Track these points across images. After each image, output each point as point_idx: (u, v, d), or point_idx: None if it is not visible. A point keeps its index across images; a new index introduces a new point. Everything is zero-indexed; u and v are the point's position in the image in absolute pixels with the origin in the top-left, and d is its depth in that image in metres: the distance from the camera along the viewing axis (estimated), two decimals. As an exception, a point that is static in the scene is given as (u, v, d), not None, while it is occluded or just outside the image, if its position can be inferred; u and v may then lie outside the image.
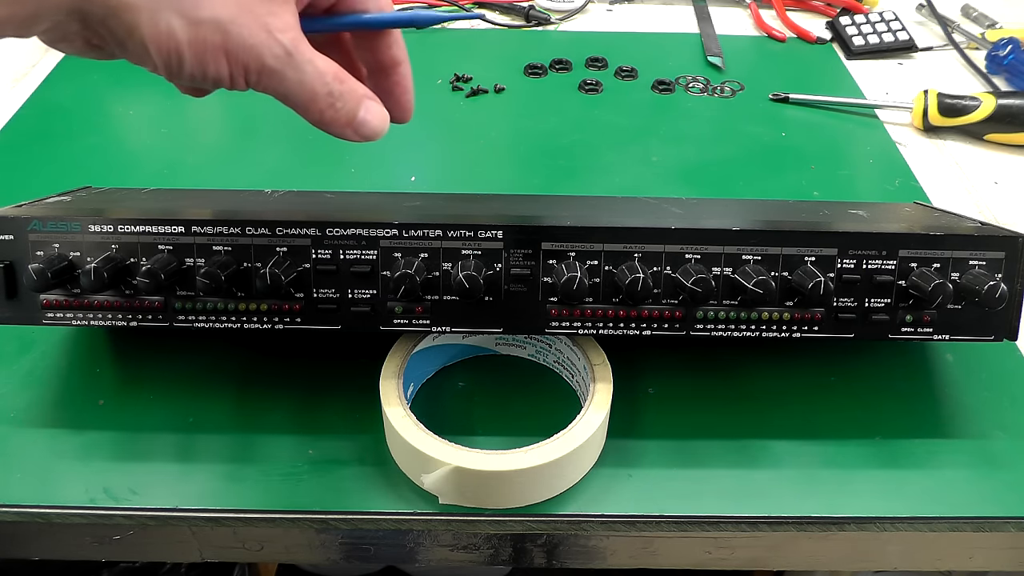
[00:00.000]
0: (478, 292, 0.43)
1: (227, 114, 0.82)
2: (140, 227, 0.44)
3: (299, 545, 0.46)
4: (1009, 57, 0.87)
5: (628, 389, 0.50)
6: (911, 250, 0.44)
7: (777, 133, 0.80)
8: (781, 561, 0.47)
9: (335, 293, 0.45)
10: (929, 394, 0.51)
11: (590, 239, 0.44)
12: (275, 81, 0.37)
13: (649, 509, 0.44)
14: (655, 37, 0.98)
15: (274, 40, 0.35)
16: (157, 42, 0.34)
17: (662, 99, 0.86)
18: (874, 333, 0.45)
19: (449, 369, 0.52)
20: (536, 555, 0.47)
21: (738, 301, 0.45)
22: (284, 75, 0.36)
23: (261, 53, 0.35)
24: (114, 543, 0.46)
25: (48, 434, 0.47)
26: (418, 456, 0.43)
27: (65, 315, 0.45)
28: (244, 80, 0.36)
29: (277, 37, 0.36)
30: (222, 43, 0.35)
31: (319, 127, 0.39)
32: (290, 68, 0.36)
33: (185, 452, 0.46)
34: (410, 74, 0.45)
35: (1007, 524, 0.44)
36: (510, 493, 0.44)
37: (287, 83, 0.37)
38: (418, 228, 0.44)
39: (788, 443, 0.48)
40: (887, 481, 0.46)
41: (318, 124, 0.39)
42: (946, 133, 0.80)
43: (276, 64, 0.36)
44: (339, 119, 0.39)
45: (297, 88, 0.37)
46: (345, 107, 0.39)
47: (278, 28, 0.36)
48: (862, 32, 0.95)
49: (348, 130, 0.39)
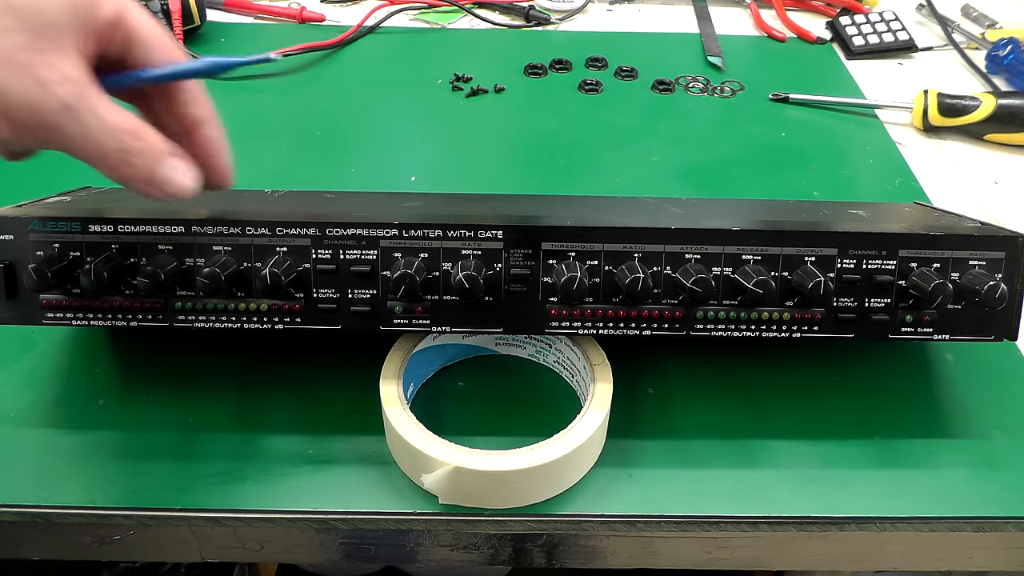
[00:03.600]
0: (478, 292, 0.43)
1: (227, 114, 0.81)
2: (140, 227, 0.44)
3: (299, 545, 0.46)
4: (1009, 57, 0.87)
5: (628, 389, 0.50)
6: (911, 250, 0.44)
7: (777, 133, 0.80)
8: (781, 561, 0.47)
9: (335, 293, 0.45)
10: (929, 394, 0.51)
11: (590, 239, 0.44)
12: (57, 136, 0.34)
13: (649, 509, 0.44)
14: (655, 37, 0.98)
15: (50, 94, 0.33)
16: None
17: (662, 99, 0.86)
18: (874, 333, 0.45)
19: (449, 369, 0.52)
20: (536, 555, 0.47)
21: (738, 301, 0.45)
22: (66, 130, 0.34)
23: (39, 109, 0.33)
24: (114, 543, 0.46)
25: (48, 434, 0.47)
26: (418, 456, 0.43)
27: (65, 315, 0.45)
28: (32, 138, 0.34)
29: (53, 91, 0.33)
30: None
31: (121, 184, 0.37)
32: (72, 123, 0.34)
33: (185, 452, 0.46)
34: (219, 135, 0.41)
35: (1007, 524, 0.44)
36: (510, 493, 0.44)
37: (72, 138, 0.35)
38: (418, 228, 0.44)
39: (788, 443, 0.48)
40: (887, 481, 0.46)
41: (118, 181, 0.37)
42: (946, 133, 0.80)
43: (56, 119, 0.34)
44: (136, 176, 0.36)
45: (83, 143, 0.35)
46: (143, 163, 0.36)
47: (53, 81, 0.33)
48: (862, 32, 0.95)
49: (149, 188, 0.37)
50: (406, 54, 0.93)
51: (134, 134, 0.36)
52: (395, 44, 0.96)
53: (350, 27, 0.96)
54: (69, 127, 0.34)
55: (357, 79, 0.87)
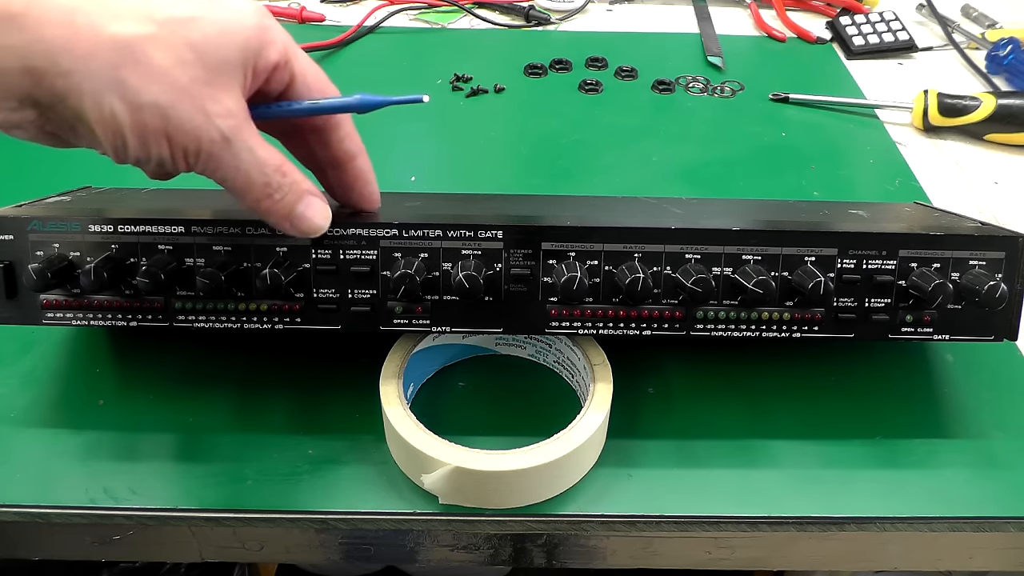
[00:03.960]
0: (478, 292, 0.43)
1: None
2: (140, 227, 0.44)
3: (299, 545, 0.46)
4: (1009, 57, 0.87)
5: (628, 389, 0.50)
6: (911, 250, 0.44)
7: (777, 133, 0.80)
8: (781, 561, 0.47)
9: (335, 293, 0.45)
10: (929, 394, 0.51)
11: (590, 239, 0.44)
12: (212, 164, 0.37)
13: (649, 509, 0.44)
14: (655, 37, 0.98)
15: (212, 125, 0.36)
16: (102, 126, 0.35)
17: (662, 99, 0.86)
18: (874, 333, 0.45)
19: (449, 369, 0.52)
20: (536, 555, 0.47)
21: (738, 301, 0.45)
22: (221, 160, 0.37)
23: (199, 137, 0.36)
24: (114, 543, 0.46)
25: (48, 434, 0.47)
26: (418, 456, 0.43)
27: (65, 315, 0.45)
28: (185, 162, 0.37)
29: (216, 122, 0.36)
30: (163, 127, 0.35)
31: (258, 215, 0.40)
32: (227, 153, 0.37)
33: (185, 452, 0.46)
34: (369, 167, 0.46)
35: (1007, 524, 0.44)
36: (510, 493, 0.44)
37: (224, 168, 0.38)
38: (418, 228, 0.44)
39: (788, 443, 0.48)
40: (887, 481, 0.46)
41: (256, 212, 0.40)
42: (946, 133, 0.80)
43: (213, 148, 0.37)
44: (276, 210, 0.40)
45: (234, 174, 0.38)
46: (284, 199, 0.40)
47: (217, 113, 0.36)
48: (862, 32, 0.96)
49: (285, 223, 0.40)
50: (406, 54, 0.93)
51: (280, 170, 0.39)
52: (395, 44, 0.96)
53: (350, 27, 0.96)
54: (224, 157, 0.37)
55: (357, 79, 0.87)
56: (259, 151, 0.38)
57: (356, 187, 0.46)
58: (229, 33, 0.37)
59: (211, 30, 0.36)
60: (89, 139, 0.36)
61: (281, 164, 0.39)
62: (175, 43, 0.35)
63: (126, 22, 0.34)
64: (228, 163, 0.37)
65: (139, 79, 0.34)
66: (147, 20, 0.35)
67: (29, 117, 0.35)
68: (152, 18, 0.35)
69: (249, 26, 0.38)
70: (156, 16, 0.35)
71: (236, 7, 0.38)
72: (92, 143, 0.37)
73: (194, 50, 0.36)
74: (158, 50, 0.35)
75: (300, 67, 0.41)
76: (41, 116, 0.36)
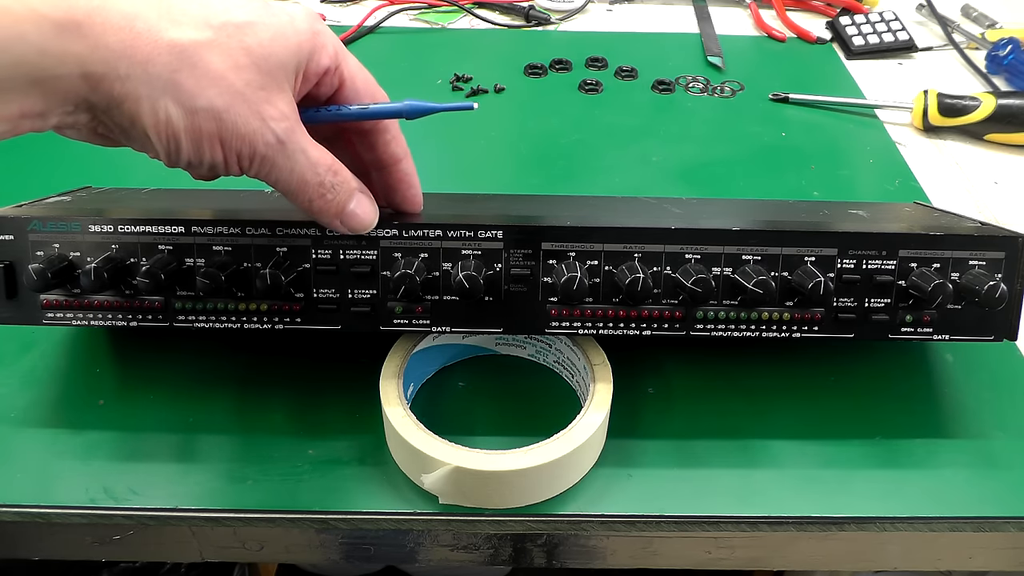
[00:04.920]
0: (478, 292, 0.43)
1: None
2: (140, 227, 0.44)
3: (299, 545, 0.46)
4: (1009, 57, 0.87)
5: (628, 389, 0.50)
6: (911, 250, 0.44)
7: (777, 133, 0.80)
8: (781, 561, 0.47)
9: (335, 293, 0.45)
10: (929, 394, 0.51)
11: (590, 239, 0.44)
12: (267, 167, 0.38)
13: (649, 509, 0.44)
14: (655, 37, 0.98)
15: (267, 128, 0.37)
16: (156, 130, 0.35)
17: (662, 99, 0.86)
18: (874, 333, 0.45)
19: (449, 369, 0.52)
20: (536, 555, 0.47)
21: (738, 301, 0.45)
22: (275, 162, 0.38)
23: (254, 141, 0.37)
24: (114, 543, 0.46)
25: (48, 434, 0.47)
26: (418, 456, 0.43)
27: (65, 315, 0.45)
28: (238, 166, 0.38)
29: (270, 125, 0.37)
30: (217, 131, 0.36)
31: (309, 215, 0.41)
32: (281, 156, 0.38)
33: (185, 452, 0.46)
34: (413, 170, 0.47)
35: (1007, 524, 0.44)
36: (510, 493, 0.44)
37: (278, 170, 0.38)
38: (418, 228, 0.44)
39: (788, 443, 0.48)
40: (887, 481, 0.46)
41: (307, 212, 0.40)
42: (946, 133, 0.80)
43: (268, 151, 0.37)
44: (328, 209, 0.40)
45: (288, 176, 0.38)
46: (336, 199, 0.40)
47: (272, 116, 0.37)
48: (862, 32, 0.96)
49: (336, 221, 0.41)
50: (406, 54, 0.93)
51: (332, 170, 0.40)
52: (395, 44, 0.96)
53: (350, 27, 0.96)
54: (279, 160, 0.38)
55: (357, 79, 0.87)
56: (312, 152, 0.39)
57: (400, 189, 0.46)
58: (283, 38, 0.37)
59: (265, 35, 0.37)
60: (142, 142, 0.37)
61: (332, 164, 0.40)
62: (231, 48, 0.36)
63: (184, 28, 0.35)
64: (283, 165, 0.38)
65: (195, 84, 0.35)
66: (204, 26, 0.35)
67: (83, 120, 0.36)
68: (209, 23, 0.36)
69: (302, 31, 0.38)
70: (212, 22, 0.36)
71: (290, 12, 0.38)
72: (144, 146, 0.37)
73: (249, 55, 0.36)
74: (214, 55, 0.35)
75: (350, 72, 0.42)
76: (95, 119, 0.36)
